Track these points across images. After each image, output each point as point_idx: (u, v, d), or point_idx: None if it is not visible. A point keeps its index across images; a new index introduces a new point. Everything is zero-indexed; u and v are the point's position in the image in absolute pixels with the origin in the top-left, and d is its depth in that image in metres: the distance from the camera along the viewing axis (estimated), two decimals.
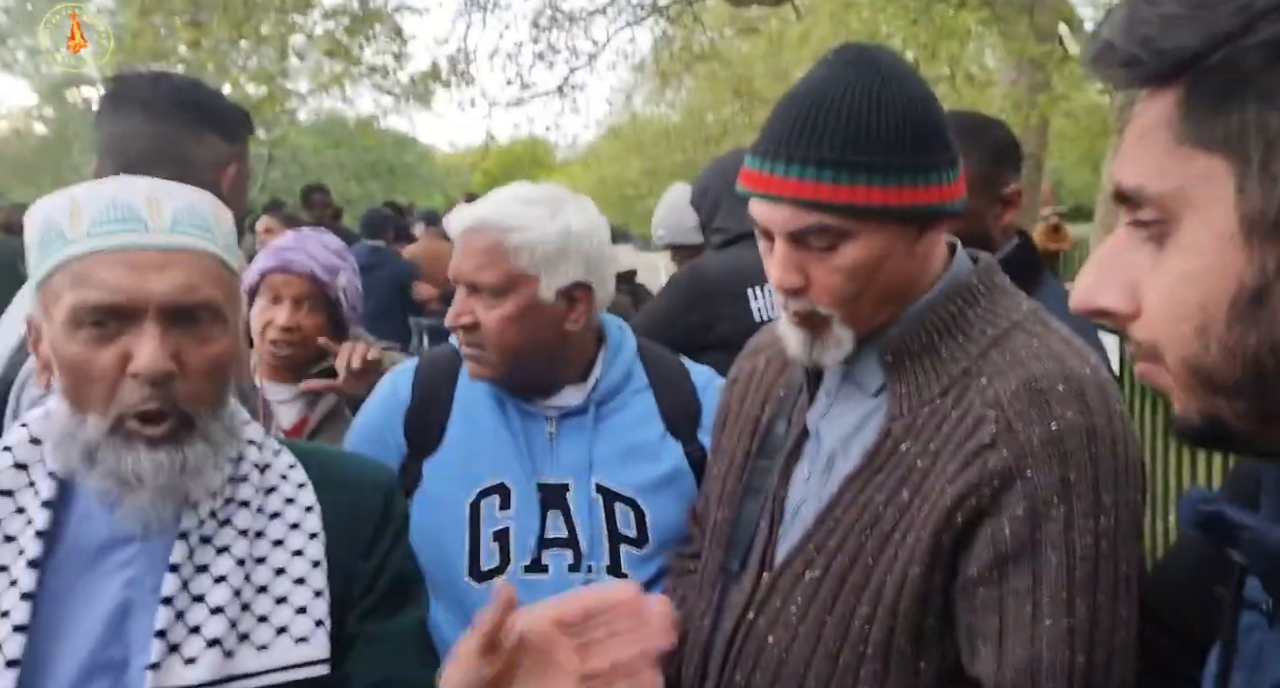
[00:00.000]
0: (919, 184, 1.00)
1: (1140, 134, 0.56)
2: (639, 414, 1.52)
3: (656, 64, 15.31)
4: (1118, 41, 0.55)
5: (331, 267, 2.03)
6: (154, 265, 0.92)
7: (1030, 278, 1.66)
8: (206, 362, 0.95)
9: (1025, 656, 0.95)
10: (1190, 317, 0.55)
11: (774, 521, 1.15)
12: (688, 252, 3.41)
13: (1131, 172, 0.56)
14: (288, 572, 1.01)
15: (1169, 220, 0.55)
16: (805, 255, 1.02)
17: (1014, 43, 7.55)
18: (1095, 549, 0.94)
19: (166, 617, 0.93)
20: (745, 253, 2.12)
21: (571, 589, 1.37)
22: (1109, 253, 0.60)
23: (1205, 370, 0.55)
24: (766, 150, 1.02)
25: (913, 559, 1.00)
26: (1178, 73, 0.53)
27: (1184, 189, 0.54)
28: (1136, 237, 0.58)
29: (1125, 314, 0.59)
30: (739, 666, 1.12)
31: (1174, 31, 0.52)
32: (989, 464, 0.96)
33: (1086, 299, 0.61)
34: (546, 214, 1.42)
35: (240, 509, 1.01)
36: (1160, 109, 0.55)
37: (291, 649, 0.97)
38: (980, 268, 1.12)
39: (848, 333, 1.06)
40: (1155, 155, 0.55)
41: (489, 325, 1.42)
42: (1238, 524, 0.58)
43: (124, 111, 1.54)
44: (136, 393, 0.92)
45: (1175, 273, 0.55)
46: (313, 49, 11.65)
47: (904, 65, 1.04)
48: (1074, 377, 0.98)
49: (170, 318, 0.93)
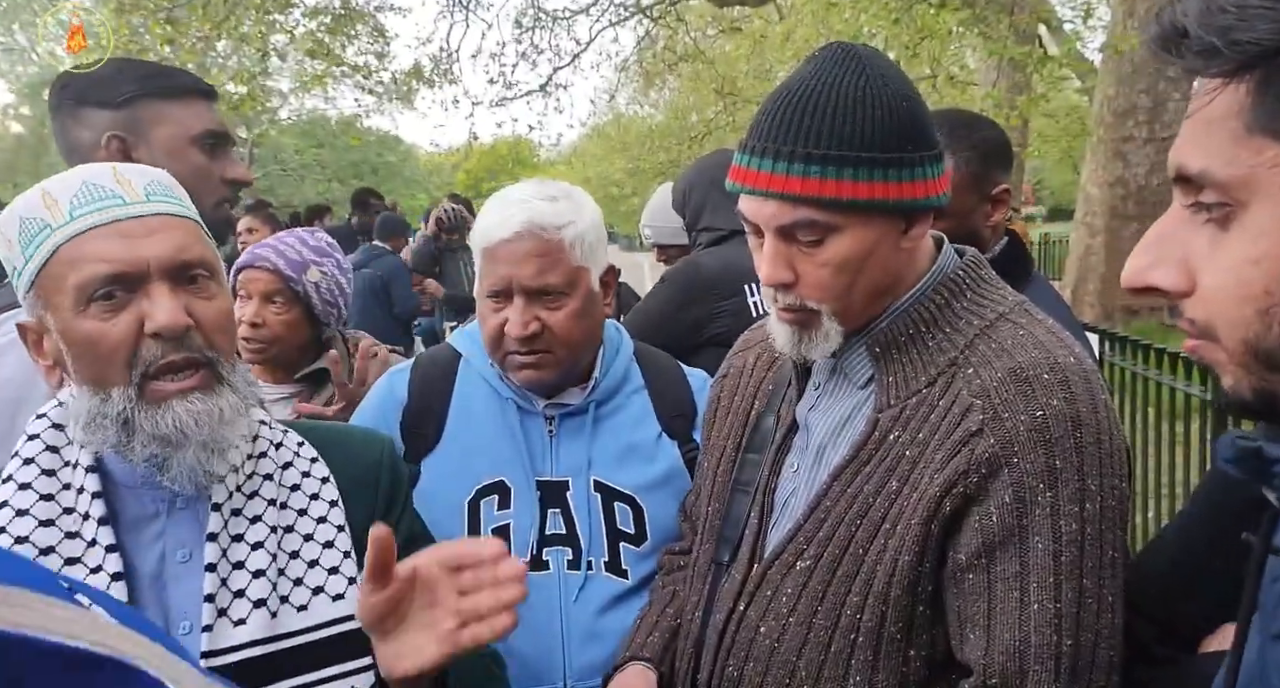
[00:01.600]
0: (904, 179, 1.02)
1: (1209, 120, 0.57)
2: (636, 414, 1.52)
3: (640, 64, 15.33)
4: (1192, 29, 0.55)
5: (299, 262, 2.03)
6: (143, 233, 0.95)
7: (1019, 276, 1.68)
8: (216, 313, 0.98)
9: (1013, 639, 0.97)
10: (1255, 298, 0.56)
11: (764, 513, 1.17)
12: (674, 251, 3.42)
13: (1197, 156, 0.58)
14: (315, 537, 1.05)
15: (1235, 205, 0.56)
16: (793, 251, 1.04)
17: (994, 43, 7.61)
18: (1081, 535, 0.96)
19: (213, 582, 0.97)
20: (738, 250, 2.13)
21: (573, 586, 1.40)
22: (1163, 232, 0.61)
23: (1266, 350, 0.57)
24: (754, 147, 1.04)
25: (903, 548, 1.01)
26: (1254, 65, 0.54)
27: (1255, 176, 0.55)
28: (1195, 219, 0.59)
29: (1179, 291, 0.61)
30: (731, 656, 1.13)
31: (1253, 23, 0.53)
32: (976, 452, 0.98)
33: (1139, 277, 0.62)
34: (574, 206, 1.43)
35: (265, 482, 1.05)
36: (1232, 98, 0.55)
37: (330, 606, 1.02)
38: (966, 261, 1.13)
39: (836, 327, 1.07)
40: (1224, 142, 0.56)
41: (559, 326, 1.40)
42: (1277, 458, 0.60)
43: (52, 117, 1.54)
44: (158, 349, 0.94)
45: (1240, 255, 0.57)
46: (294, 48, 11.56)
47: (888, 63, 1.06)
48: (1059, 365, 1.00)
49: (173, 277, 0.95)
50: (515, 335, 1.39)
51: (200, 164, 1.51)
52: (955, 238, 1.66)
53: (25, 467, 0.99)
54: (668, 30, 14.09)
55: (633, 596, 1.43)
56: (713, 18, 15.19)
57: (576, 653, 1.39)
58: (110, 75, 1.52)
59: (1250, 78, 0.55)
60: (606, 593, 1.42)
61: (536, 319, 1.39)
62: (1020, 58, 7.45)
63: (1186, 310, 0.61)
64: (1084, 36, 11.38)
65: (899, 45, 8.68)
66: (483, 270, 1.43)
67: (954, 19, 8.17)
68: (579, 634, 1.39)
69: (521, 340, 1.39)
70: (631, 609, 1.42)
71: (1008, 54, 7.44)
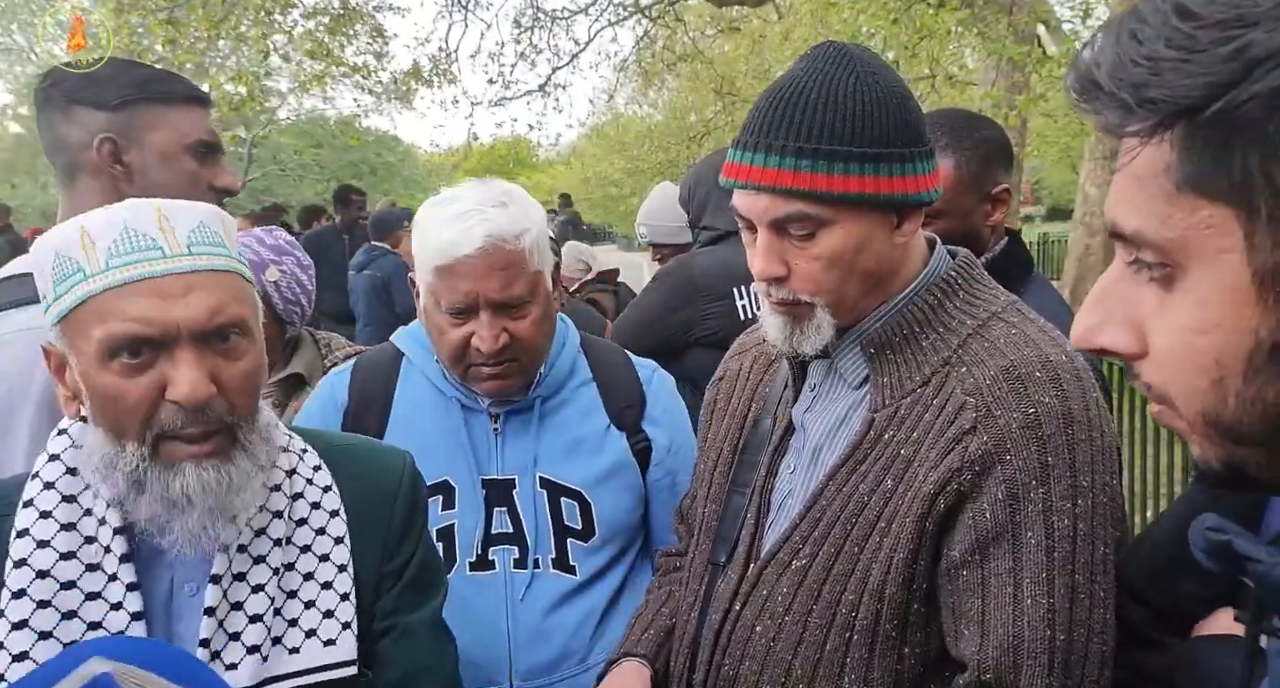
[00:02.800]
0: (895, 174, 1.02)
1: (1137, 177, 0.53)
2: (583, 407, 1.51)
3: (639, 63, 15.33)
4: (1105, 84, 0.52)
5: (257, 262, 2.03)
6: (179, 291, 0.91)
7: (1020, 276, 1.68)
8: (241, 378, 0.96)
9: (1006, 635, 0.97)
10: (1206, 369, 0.52)
11: (760, 513, 1.17)
12: (670, 250, 3.42)
13: (1131, 215, 0.53)
14: (315, 577, 1.03)
15: (1174, 267, 0.52)
16: (786, 245, 1.05)
17: (993, 43, 7.61)
18: (1073, 530, 0.97)
19: (209, 626, 0.95)
20: (731, 251, 2.13)
21: (519, 585, 1.38)
22: (1109, 288, 0.57)
23: (1224, 423, 0.53)
24: (747, 142, 1.05)
25: (898, 546, 1.02)
26: (1173, 122, 0.50)
27: (1189, 239, 0.51)
28: (1139, 277, 0.55)
29: (1131, 353, 0.57)
30: (727, 655, 1.13)
31: (1166, 78, 0.49)
32: (969, 450, 0.99)
33: (1088, 338, 0.58)
34: (524, 210, 1.40)
35: (275, 519, 1.02)
36: (1157, 154, 0.51)
37: (320, 652, 1.00)
38: (959, 262, 1.14)
39: (829, 319, 1.08)
40: (1155, 201, 0.52)
41: (526, 335, 1.38)
42: (1249, 556, 0.59)
43: None
44: (178, 418, 0.92)
45: (1186, 322, 0.52)
46: (293, 49, 11.57)
47: (879, 62, 1.07)
48: (1051, 363, 1.00)
49: (203, 341, 0.93)
50: (487, 350, 1.36)
51: (191, 171, 1.50)
52: (955, 237, 1.67)
53: (46, 491, 0.97)
54: (666, 30, 14.09)
55: (581, 592, 1.43)
56: (711, 17, 15.19)
57: (523, 653, 1.38)
58: (106, 77, 1.50)
59: (1173, 132, 0.50)
60: (554, 591, 1.41)
61: (504, 330, 1.37)
62: (1019, 57, 7.45)
63: (1141, 373, 0.57)
64: (1083, 36, 11.39)
65: (898, 45, 8.69)
66: (435, 287, 1.37)
67: (953, 19, 8.18)
68: (525, 634, 1.38)
69: (491, 354, 1.36)
70: (580, 606, 1.41)
71: (1006, 54, 7.44)
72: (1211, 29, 0.48)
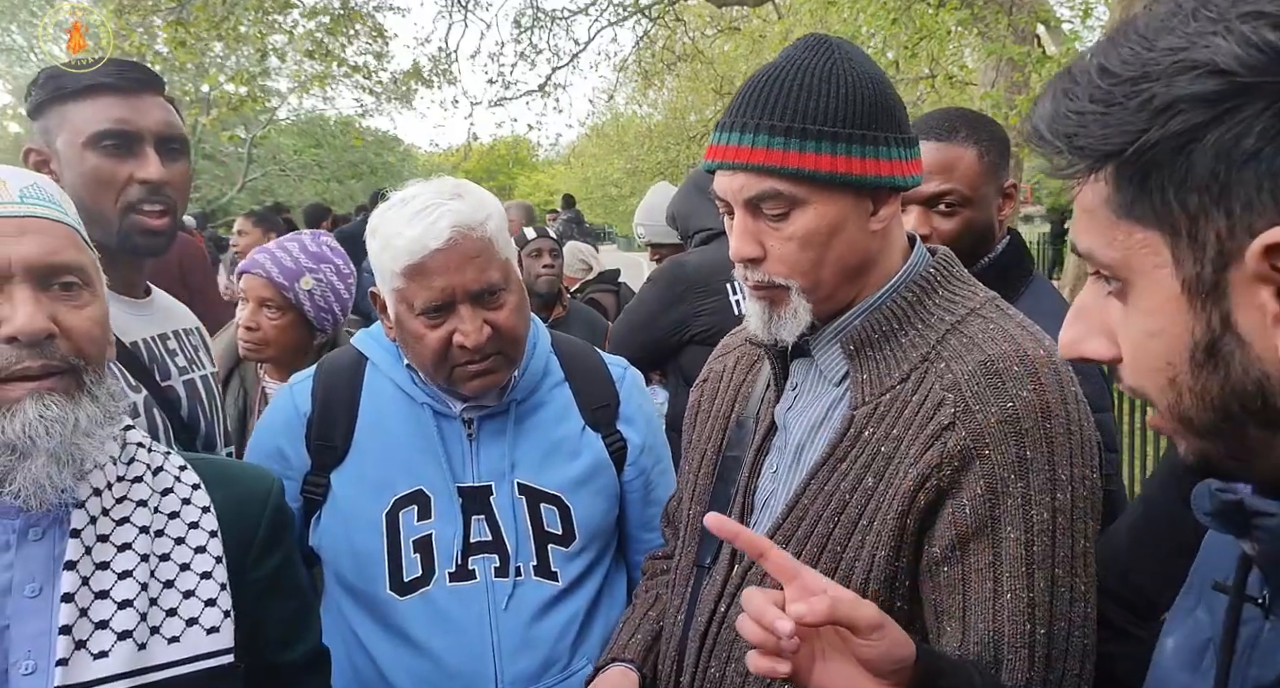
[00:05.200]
0: (867, 155, 1.03)
1: (1085, 208, 0.62)
2: (558, 409, 1.48)
3: (639, 63, 15.33)
4: (1046, 135, 0.61)
5: (292, 271, 2.08)
6: (12, 232, 0.90)
7: (1021, 275, 1.69)
8: (87, 322, 0.93)
9: (987, 630, 0.97)
10: (1161, 369, 0.61)
11: (745, 513, 1.17)
12: (668, 250, 3.43)
13: (1084, 239, 0.63)
14: (192, 567, 1.00)
15: (1124, 282, 0.61)
16: (761, 226, 1.06)
17: (993, 43, 7.60)
18: (1053, 524, 0.97)
19: (69, 612, 0.91)
20: (724, 248, 2.13)
21: (501, 594, 1.35)
22: (1085, 304, 0.66)
23: (1185, 417, 0.61)
24: (725, 123, 1.07)
25: (879, 543, 1.01)
26: (1103, 164, 0.59)
27: (1130, 258, 0.60)
28: (1104, 290, 0.64)
29: (1111, 359, 0.65)
30: (713, 657, 1.13)
31: (1091, 129, 0.58)
32: (948, 445, 0.98)
33: (1073, 350, 0.67)
34: (479, 199, 1.37)
35: (138, 508, 1.00)
36: (1096, 190, 0.61)
37: (203, 639, 0.98)
38: (938, 259, 1.14)
39: (805, 305, 1.07)
40: (1101, 227, 0.61)
41: (506, 323, 1.35)
42: (1260, 511, 0.61)
43: None
44: (12, 355, 0.88)
45: (1141, 328, 0.61)
46: (293, 49, 11.57)
47: (859, 51, 1.08)
48: (1028, 358, 1.00)
49: (40, 281, 0.91)
50: (473, 345, 1.31)
51: (95, 167, 1.39)
52: (979, 227, 1.68)
53: None
54: (666, 30, 14.10)
55: (564, 598, 1.40)
56: (711, 18, 15.20)
57: (508, 663, 1.34)
58: (36, 83, 1.42)
59: (1105, 172, 0.59)
60: (537, 598, 1.38)
61: (486, 323, 1.33)
62: (1019, 57, 7.44)
63: (1122, 377, 0.65)
64: (1082, 36, 11.38)
65: (897, 45, 8.69)
66: (406, 290, 1.31)
67: (952, 19, 8.18)
68: (512, 643, 1.35)
69: (477, 349, 1.32)
70: (563, 613, 1.39)
71: (1006, 53, 7.43)
72: (1124, 85, 0.57)
